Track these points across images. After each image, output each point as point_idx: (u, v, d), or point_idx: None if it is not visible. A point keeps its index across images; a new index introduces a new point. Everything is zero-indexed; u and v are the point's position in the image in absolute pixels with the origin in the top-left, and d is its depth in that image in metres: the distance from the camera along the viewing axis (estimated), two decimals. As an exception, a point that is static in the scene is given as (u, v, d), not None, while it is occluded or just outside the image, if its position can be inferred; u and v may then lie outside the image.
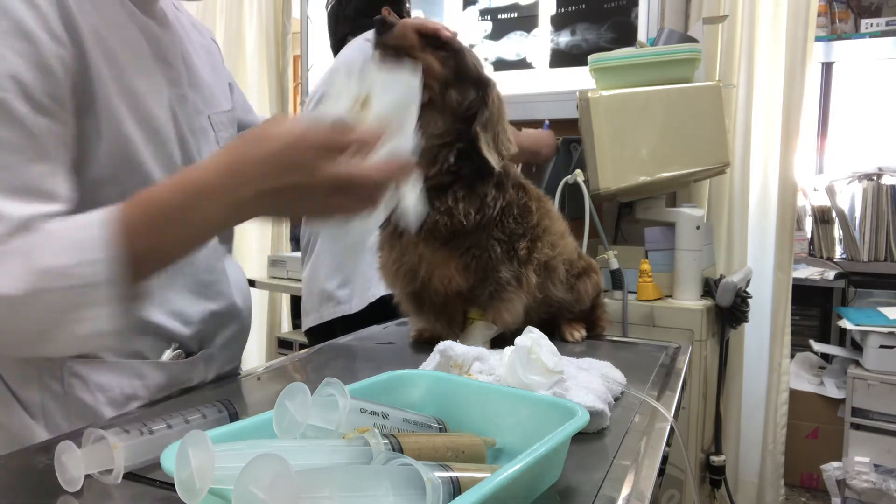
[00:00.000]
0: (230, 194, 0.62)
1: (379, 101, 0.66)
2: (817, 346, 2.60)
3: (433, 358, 0.80)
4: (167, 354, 0.85)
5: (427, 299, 0.99)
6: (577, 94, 1.65)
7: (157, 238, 0.64)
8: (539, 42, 2.19)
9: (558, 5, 2.16)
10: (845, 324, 2.27)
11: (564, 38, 2.16)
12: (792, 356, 2.14)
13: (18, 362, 0.79)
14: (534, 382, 0.68)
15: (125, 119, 0.75)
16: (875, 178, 2.56)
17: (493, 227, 0.95)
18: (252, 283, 2.45)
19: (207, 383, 0.90)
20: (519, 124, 2.16)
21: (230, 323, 0.95)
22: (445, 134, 0.94)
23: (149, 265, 0.66)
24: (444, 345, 0.79)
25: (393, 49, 0.92)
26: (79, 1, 0.71)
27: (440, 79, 0.94)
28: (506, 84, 2.21)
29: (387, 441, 0.50)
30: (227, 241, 1.01)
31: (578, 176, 1.68)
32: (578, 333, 1.12)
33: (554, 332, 1.12)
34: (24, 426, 0.78)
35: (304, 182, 0.62)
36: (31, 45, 0.65)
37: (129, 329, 0.67)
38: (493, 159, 0.93)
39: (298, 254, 2.50)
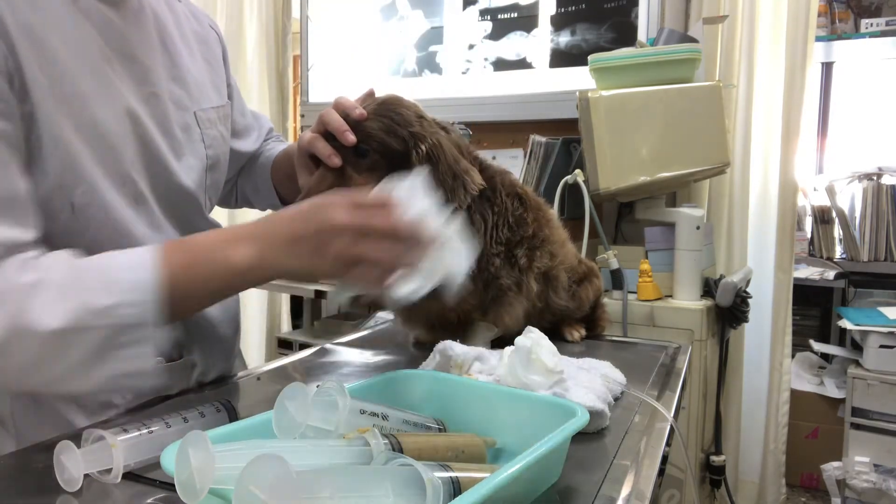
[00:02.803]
0: (259, 239, 0.67)
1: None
2: (817, 346, 2.60)
3: (433, 358, 0.80)
4: None
5: (439, 324, 0.98)
6: (577, 94, 1.65)
7: (192, 280, 0.67)
8: (539, 42, 2.19)
9: (558, 5, 2.16)
10: (845, 324, 2.27)
11: (564, 38, 2.16)
12: (792, 356, 2.14)
13: None
14: (534, 382, 0.68)
15: (65, 126, 0.71)
16: (875, 178, 2.56)
17: (489, 243, 0.93)
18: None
19: (206, 384, 0.90)
20: (519, 124, 2.17)
21: (209, 330, 0.92)
22: None
23: (183, 307, 0.68)
24: (443, 345, 0.79)
25: None
26: (13, 2, 0.68)
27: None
28: (506, 84, 2.22)
29: (387, 441, 0.50)
30: None
31: (578, 176, 1.68)
32: (578, 333, 1.12)
33: (554, 332, 1.12)
34: None
35: (328, 221, 0.65)
36: None
37: None
38: None
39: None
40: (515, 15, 2.23)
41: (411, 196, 0.68)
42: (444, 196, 0.86)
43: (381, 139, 0.85)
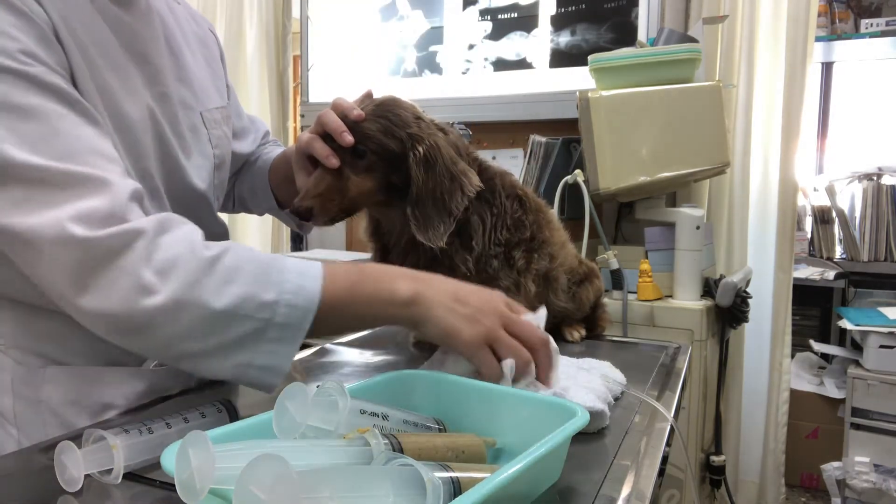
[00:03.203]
0: (423, 282, 0.71)
1: None
2: (817, 346, 2.60)
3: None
4: (149, 362, 0.82)
5: None
6: (577, 94, 1.66)
7: (354, 298, 0.70)
8: (539, 42, 2.19)
9: (558, 5, 2.16)
10: (845, 324, 2.27)
11: (564, 38, 2.16)
12: (792, 356, 2.14)
13: (1, 364, 0.77)
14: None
15: (102, 114, 0.73)
16: (875, 178, 2.56)
17: (488, 244, 0.93)
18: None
19: (207, 384, 0.90)
20: (519, 124, 2.17)
21: None
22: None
23: (335, 323, 0.71)
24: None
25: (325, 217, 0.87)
26: None
27: (377, 186, 0.87)
28: (506, 84, 2.22)
29: (387, 441, 0.50)
30: None
31: (578, 176, 1.68)
32: (578, 333, 1.12)
33: (555, 333, 1.12)
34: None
35: (492, 301, 0.73)
36: (29, 23, 0.66)
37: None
38: (431, 236, 0.86)
39: (298, 254, 2.50)
40: (515, 15, 2.23)
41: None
42: (442, 198, 0.86)
43: (379, 140, 0.85)
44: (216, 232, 0.96)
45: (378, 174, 0.86)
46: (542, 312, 0.77)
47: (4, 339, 0.77)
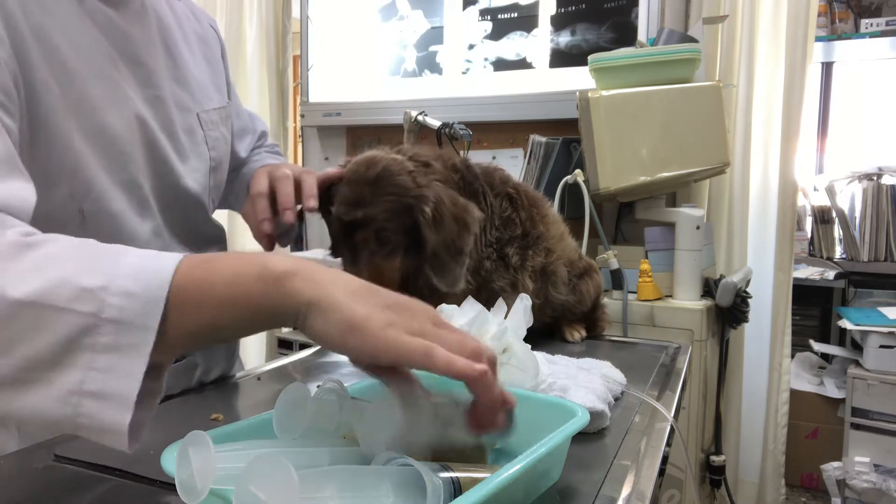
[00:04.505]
0: (307, 265, 0.48)
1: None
2: (817, 346, 2.60)
3: None
4: None
5: None
6: (577, 94, 1.66)
7: (212, 275, 0.47)
8: (539, 42, 2.19)
9: (558, 5, 2.16)
10: (845, 324, 2.27)
11: (564, 38, 2.16)
12: (792, 356, 2.14)
13: None
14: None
15: (75, 133, 0.70)
16: (875, 178, 2.56)
17: (479, 246, 0.93)
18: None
19: (207, 384, 0.90)
20: (519, 124, 2.17)
21: None
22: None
23: (192, 323, 0.46)
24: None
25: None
26: (24, 2, 0.66)
27: (402, 258, 0.88)
28: (506, 84, 2.22)
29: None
30: (210, 244, 0.97)
31: (578, 176, 1.68)
32: (578, 333, 1.12)
33: (554, 333, 1.12)
34: None
35: (411, 302, 0.50)
36: None
37: None
38: (451, 282, 0.87)
39: (298, 254, 2.50)
40: (515, 15, 2.23)
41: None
42: (453, 244, 0.88)
43: (396, 220, 0.87)
44: (211, 234, 0.96)
45: (401, 248, 0.88)
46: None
47: None
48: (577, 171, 1.69)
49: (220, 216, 1.03)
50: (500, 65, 2.26)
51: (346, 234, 0.88)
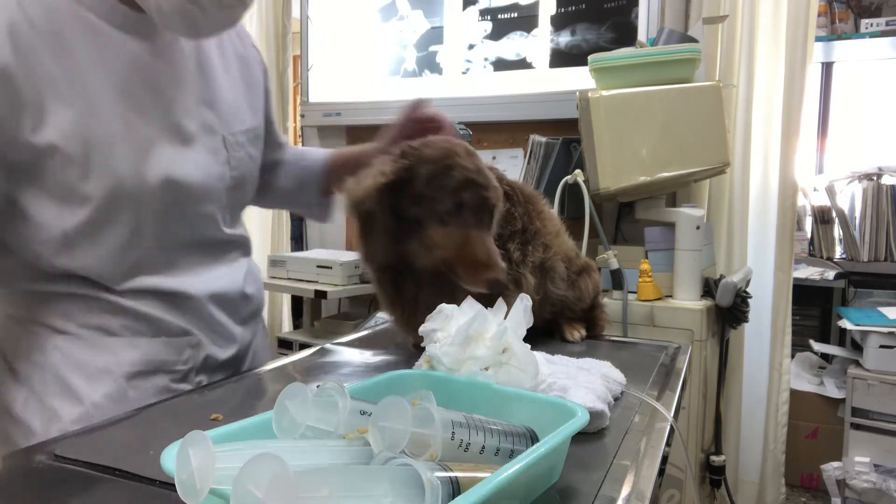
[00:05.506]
0: None
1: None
2: (817, 346, 2.60)
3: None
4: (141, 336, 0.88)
5: None
6: (577, 94, 1.66)
7: None
8: (539, 42, 2.20)
9: (558, 5, 2.16)
10: (845, 324, 2.27)
11: (564, 38, 2.16)
12: (792, 356, 2.14)
13: (18, 332, 0.86)
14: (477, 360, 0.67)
15: (79, 164, 0.78)
16: (875, 178, 2.57)
17: None
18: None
19: (207, 386, 0.90)
20: (519, 124, 2.17)
21: (212, 314, 0.95)
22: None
23: None
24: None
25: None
26: (48, 45, 0.74)
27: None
28: (506, 84, 2.22)
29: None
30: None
31: (578, 176, 1.68)
32: (578, 333, 1.12)
33: (554, 332, 1.12)
34: (8, 392, 0.85)
35: None
36: None
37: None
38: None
39: (298, 254, 2.50)
40: (515, 15, 2.23)
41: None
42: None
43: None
44: (222, 240, 0.98)
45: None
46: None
47: (19, 314, 0.87)
48: (577, 171, 1.69)
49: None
50: (500, 65, 2.26)
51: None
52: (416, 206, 0.83)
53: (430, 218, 0.83)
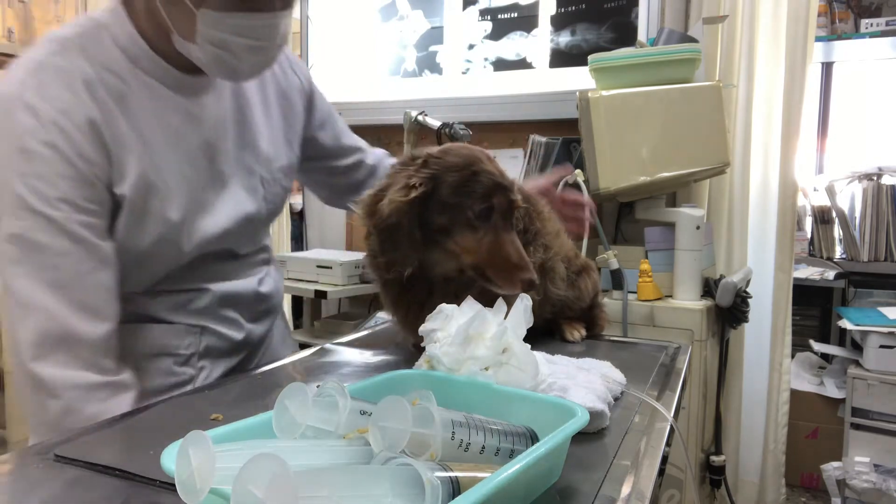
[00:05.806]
0: None
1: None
2: (817, 346, 2.60)
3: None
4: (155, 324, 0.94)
5: None
6: (577, 94, 1.66)
7: None
8: (539, 42, 2.20)
9: (558, 5, 2.16)
10: (845, 324, 2.27)
11: (564, 38, 2.16)
12: (792, 356, 2.14)
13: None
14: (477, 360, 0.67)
15: (141, 215, 0.86)
16: (875, 178, 2.57)
17: None
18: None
19: (206, 386, 0.90)
20: (519, 124, 2.17)
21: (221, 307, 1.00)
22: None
23: None
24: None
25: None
26: (125, 110, 0.82)
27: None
28: (506, 84, 2.22)
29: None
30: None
31: (578, 176, 1.68)
32: (578, 333, 1.12)
33: (554, 332, 1.12)
34: None
35: None
36: (71, 168, 0.78)
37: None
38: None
39: (298, 254, 2.50)
40: (515, 15, 2.23)
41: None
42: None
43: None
44: (245, 254, 1.04)
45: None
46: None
47: None
48: (577, 171, 1.69)
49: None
50: (500, 65, 2.26)
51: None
52: (443, 213, 0.83)
53: (458, 224, 0.84)
